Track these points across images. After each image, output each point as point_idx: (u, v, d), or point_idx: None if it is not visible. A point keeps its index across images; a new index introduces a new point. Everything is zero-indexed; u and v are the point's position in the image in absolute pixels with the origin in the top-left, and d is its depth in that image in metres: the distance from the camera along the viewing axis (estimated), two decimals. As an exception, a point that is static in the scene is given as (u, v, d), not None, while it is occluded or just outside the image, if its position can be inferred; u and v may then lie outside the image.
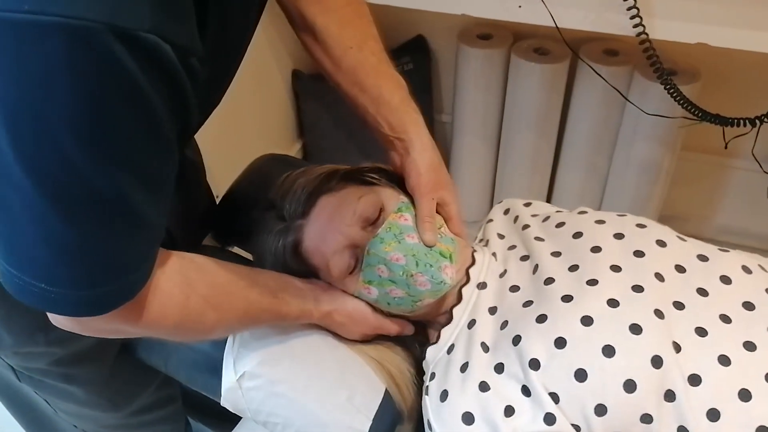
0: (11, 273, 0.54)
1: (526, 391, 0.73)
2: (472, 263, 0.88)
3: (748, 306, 0.75)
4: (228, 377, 0.81)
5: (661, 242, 0.81)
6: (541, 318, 0.75)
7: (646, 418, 0.70)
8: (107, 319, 0.59)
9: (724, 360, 0.70)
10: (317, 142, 1.89)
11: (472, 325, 0.82)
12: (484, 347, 0.78)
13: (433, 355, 0.83)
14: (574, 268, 0.80)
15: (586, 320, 0.72)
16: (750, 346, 0.71)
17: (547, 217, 0.92)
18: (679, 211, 1.78)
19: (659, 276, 0.77)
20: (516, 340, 0.75)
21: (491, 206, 1.31)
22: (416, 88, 0.88)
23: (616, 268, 0.78)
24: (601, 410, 0.70)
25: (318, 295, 0.84)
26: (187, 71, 0.51)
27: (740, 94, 1.51)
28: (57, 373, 0.87)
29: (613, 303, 0.73)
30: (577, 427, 0.71)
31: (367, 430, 0.81)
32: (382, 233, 0.81)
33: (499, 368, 0.75)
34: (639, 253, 0.79)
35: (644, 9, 1.13)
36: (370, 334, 0.87)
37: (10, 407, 0.99)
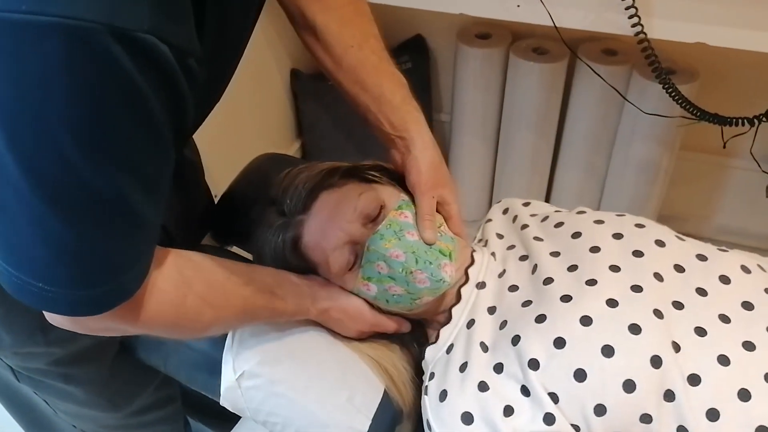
0: (10, 272, 0.54)
1: (525, 391, 0.73)
2: (471, 263, 0.88)
3: (747, 306, 0.75)
4: (227, 376, 0.81)
5: (660, 242, 0.81)
6: (540, 318, 0.75)
7: (646, 418, 0.70)
8: (105, 318, 0.59)
9: (724, 360, 0.70)
10: (316, 141, 1.88)
11: (471, 324, 0.82)
12: (483, 347, 0.78)
13: (432, 355, 0.83)
14: (573, 268, 0.80)
15: (586, 320, 0.72)
16: (749, 345, 0.71)
17: (546, 217, 0.92)
18: (678, 211, 1.78)
19: (658, 276, 0.77)
20: (515, 340, 0.75)
21: (490, 206, 1.31)
22: (415, 87, 0.88)
23: (615, 268, 0.78)
24: (600, 410, 0.70)
25: (315, 291, 0.84)
26: (184, 72, 0.51)
27: (738, 94, 1.51)
28: (56, 373, 0.87)
29: (613, 303, 0.73)
30: (576, 427, 0.71)
31: (366, 429, 0.81)
32: (382, 230, 0.81)
33: (498, 368, 0.75)
34: (638, 253, 0.79)
35: (643, 8, 1.13)
36: (367, 331, 0.87)
37: (9, 408, 0.99)
